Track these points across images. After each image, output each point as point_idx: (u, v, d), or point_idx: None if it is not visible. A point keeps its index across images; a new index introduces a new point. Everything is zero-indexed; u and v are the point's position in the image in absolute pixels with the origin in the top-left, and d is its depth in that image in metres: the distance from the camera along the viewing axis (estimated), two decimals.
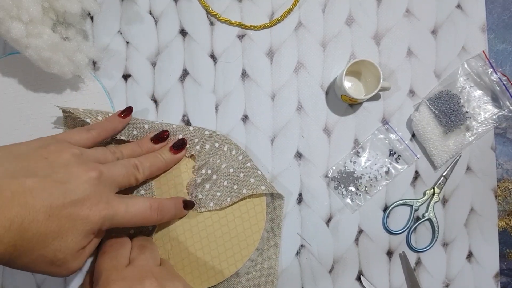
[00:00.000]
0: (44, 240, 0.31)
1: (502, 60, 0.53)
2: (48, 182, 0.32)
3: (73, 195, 0.33)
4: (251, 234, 0.47)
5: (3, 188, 0.29)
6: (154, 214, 0.40)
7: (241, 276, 0.47)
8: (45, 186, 0.31)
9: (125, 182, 0.40)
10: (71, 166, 0.34)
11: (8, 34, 0.41)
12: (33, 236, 0.30)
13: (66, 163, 0.34)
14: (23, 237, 0.29)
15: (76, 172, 0.34)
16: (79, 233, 0.33)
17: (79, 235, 0.34)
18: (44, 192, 0.31)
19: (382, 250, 0.51)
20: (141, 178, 0.42)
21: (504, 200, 0.52)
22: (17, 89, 0.49)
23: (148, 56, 0.52)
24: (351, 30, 0.53)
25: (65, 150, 0.36)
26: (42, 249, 0.31)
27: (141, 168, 0.42)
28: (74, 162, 0.35)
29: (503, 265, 0.52)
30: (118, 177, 0.39)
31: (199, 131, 0.48)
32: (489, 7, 0.53)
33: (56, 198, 0.32)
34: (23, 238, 0.30)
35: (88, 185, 0.34)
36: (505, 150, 0.52)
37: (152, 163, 0.44)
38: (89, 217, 0.34)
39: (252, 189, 0.46)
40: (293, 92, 0.52)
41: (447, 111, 0.50)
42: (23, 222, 0.29)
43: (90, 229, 0.34)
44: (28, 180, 0.31)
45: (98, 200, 0.35)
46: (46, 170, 0.33)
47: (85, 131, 0.41)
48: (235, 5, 0.53)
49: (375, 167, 0.51)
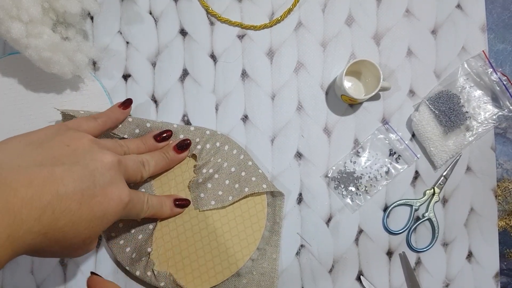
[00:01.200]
0: (75, 229, 0.30)
1: (502, 60, 0.53)
2: (77, 170, 0.31)
3: (101, 182, 0.33)
4: (252, 233, 0.47)
5: (33, 176, 0.28)
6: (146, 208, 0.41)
7: (242, 276, 0.47)
8: (74, 174, 0.31)
9: (133, 177, 0.40)
10: (94, 153, 0.34)
11: (8, 34, 0.41)
12: (64, 225, 0.29)
13: (89, 150, 0.34)
14: (55, 226, 0.29)
15: (101, 159, 0.34)
16: (107, 220, 0.33)
17: (107, 222, 0.33)
18: (74, 180, 0.30)
19: (382, 250, 0.51)
20: (145, 176, 0.43)
21: (504, 200, 0.52)
22: (17, 89, 0.49)
23: (148, 56, 0.52)
24: (351, 30, 0.53)
25: (84, 137, 0.35)
26: (72, 238, 0.31)
27: (147, 166, 0.42)
28: (95, 149, 0.35)
29: (503, 265, 0.52)
30: (129, 170, 0.39)
31: (200, 130, 0.48)
32: (489, 7, 0.53)
33: (87, 186, 0.31)
34: (55, 228, 0.29)
35: (113, 172, 0.34)
36: (505, 150, 0.52)
37: (156, 162, 0.44)
38: (116, 203, 0.34)
39: (254, 188, 0.46)
40: (293, 92, 0.52)
41: (447, 111, 0.50)
42: (55, 212, 0.28)
43: (117, 214, 0.34)
44: (57, 168, 0.30)
45: (122, 187, 0.35)
46: (72, 158, 0.32)
47: (92, 120, 0.41)
48: (235, 5, 0.53)
49: (375, 167, 0.51)
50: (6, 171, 0.27)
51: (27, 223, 0.26)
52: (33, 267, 0.50)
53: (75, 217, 0.30)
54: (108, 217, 0.33)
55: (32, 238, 0.27)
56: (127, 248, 0.46)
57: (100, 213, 0.32)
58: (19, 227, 0.26)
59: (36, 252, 0.30)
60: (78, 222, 0.30)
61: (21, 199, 0.26)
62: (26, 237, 0.27)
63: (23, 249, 0.27)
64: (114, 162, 0.35)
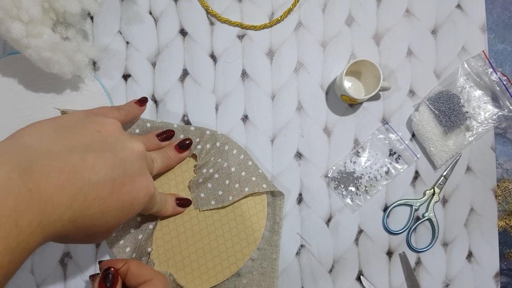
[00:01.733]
0: (104, 217, 0.30)
1: (502, 60, 0.53)
2: (108, 158, 0.30)
3: (131, 171, 0.32)
4: (252, 233, 0.47)
5: (65, 162, 0.27)
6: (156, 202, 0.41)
7: (242, 276, 0.47)
8: (106, 161, 0.30)
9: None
10: (125, 141, 0.34)
11: (8, 34, 0.41)
12: (94, 214, 0.28)
13: (119, 138, 0.33)
14: (85, 214, 0.28)
15: (131, 147, 0.33)
16: (134, 210, 0.33)
17: (133, 212, 0.33)
18: (106, 167, 0.29)
19: (382, 250, 0.51)
20: (154, 173, 0.42)
21: (504, 200, 0.52)
22: (17, 89, 0.49)
23: (148, 56, 0.52)
24: (351, 30, 0.53)
25: (114, 123, 0.34)
26: (99, 227, 0.30)
27: (155, 163, 0.42)
28: (126, 137, 0.34)
29: (503, 265, 0.52)
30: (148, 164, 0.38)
31: (200, 130, 0.48)
32: (489, 7, 0.53)
33: (117, 174, 0.30)
34: (85, 215, 0.28)
35: (142, 161, 0.34)
36: (505, 150, 0.52)
37: (162, 160, 0.44)
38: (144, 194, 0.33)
39: (254, 188, 0.46)
40: (293, 92, 0.52)
41: (447, 111, 0.50)
42: (86, 199, 0.27)
43: (142, 204, 0.34)
44: (89, 155, 0.29)
45: (149, 177, 0.35)
46: (103, 145, 0.31)
47: (116, 110, 0.40)
48: (235, 5, 0.53)
49: (375, 167, 0.51)
50: (37, 156, 0.26)
51: (58, 210, 0.26)
52: (33, 267, 0.50)
53: (105, 205, 0.29)
54: (135, 207, 0.33)
55: (62, 225, 0.26)
56: (127, 248, 0.46)
57: (128, 203, 0.32)
58: (50, 214, 0.25)
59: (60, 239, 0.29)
60: (107, 210, 0.29)
61: (53, 185, 0.25)
62: (57, 224, 0.26)
63: (52, 235, 0.26)
64: (143, 151, 0.35)
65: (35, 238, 0.24)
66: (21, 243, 0.23)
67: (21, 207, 0.23)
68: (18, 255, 0.23)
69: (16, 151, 0.26)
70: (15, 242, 0.23)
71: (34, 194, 0.24)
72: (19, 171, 0.24)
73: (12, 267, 0.23)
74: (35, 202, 0.24)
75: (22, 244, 0.23)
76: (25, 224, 0.23)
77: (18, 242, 0.23)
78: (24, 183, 0.24)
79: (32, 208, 0.24)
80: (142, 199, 0.33)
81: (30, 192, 0.24)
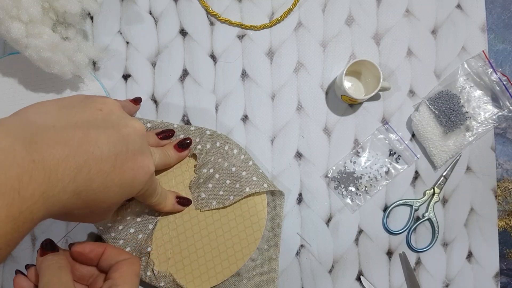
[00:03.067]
0: (107, 192, 0.30)
1: (502, 60, 0.53)
2: (111, 134, 0.31)
3: (132, 148, 0.32)
4: (252, 233, 0.47)
5: (69, 137, 0.27)
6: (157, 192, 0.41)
7: (242, 276, 0.47)
8: (109, 137, 0.30)
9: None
10: (127, 119, 0.34)
11: (8, 34, 0.41)
12: (97, 188, 0.29)
13: (121, 116, 0.34)
14: (89, 188, 0.28)
15: (133, 125, 0.34)
16: (134, 188, 0.33)
17: (134, 190, 0.34)
18: (108, 143, 0.30)
19: (382, 250, 0.51)
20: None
21: (504, 200, 0.52)
22: (17, 89, 0.49)
23: (148, 56, 0.52)
24: (351, 30, 0.53)
25: (115, 103, 0.35)
26: (102, 202, 0.31)
27: (154, 156, 0.42)
28: (126, 116, 0.35)
29: (503, 265, 0.52)
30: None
31: (200, 130, 0.48)
32: (489, 7, 0.53)
33: (119, 150, 0.31)
34: (89, 189, 0.28)
35: (143, 140, 0.34)
36: (505, 150, 0.52)
37: (160, 156, 0.44)
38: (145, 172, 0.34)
39: (255, 187, 0.46)
40: (293, 92, 0.52)
41: (447, 111, 0.50)
42: (90, 172, 0.28)
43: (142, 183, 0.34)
44: (92, 131, 0.29)
45: (149, 156, 0.35)
46: (106, 122, 0.32)
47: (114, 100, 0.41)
48: (235, 5, 0.53)
49: (375, 167, 0.51)
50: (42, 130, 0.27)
51: (62, 182, 0.26)
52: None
53: (108, 180, 0.30)
54: (135, 185, 0.33)
55: (67, 198, 0.27)
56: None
57: (130, 180, 0.32)
58: (54, 185, 0.26)
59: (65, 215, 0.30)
60: (110, 185, 0.30)
61: (57, 157, 0.26)
62: (61, 196, 0.26)
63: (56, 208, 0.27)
64: (144, 130, 0.35)
65: (38, 208, 0.25)
66: (24, 212, 0.24)
67: (24, 177, 0.24)
68: (22, 224, 0.24)
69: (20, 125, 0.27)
70: (18, 211, 0.23)
71: (38, 165, 0.25)
72: (23, 142, 0.25)
73: (15, 236, 0.24)
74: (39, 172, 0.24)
75: (25, 213, 0.24)
76: (28, 194, 0.24)
77: (20, 211, 0.23)
78: (28, 154, 0.24)
79: (36, 178, 0.24)
80: (143, 177, 0.34)
81: (34, 163, 0.24)
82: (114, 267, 0.38)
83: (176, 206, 0.46)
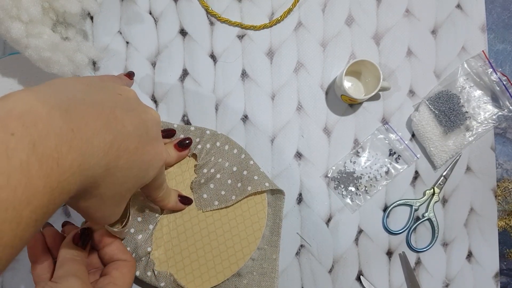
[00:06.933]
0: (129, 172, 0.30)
1: (502, 60, 0.53)
2: (134, 116, 0.31)
3: (151, 133, 0.33)
4: (252, 233, 0.47)
5: (100, 112, 0.27)
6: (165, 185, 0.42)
7: (242, 276, 0.47)
8: (132, 120, 0.30)
9: None
10: (145, 106, 0.34)
11: (8, 34, 0.41)
12: (123, 165, 0.29)
13: (139, 102, 0.34)
14: (117, 164, 0.28)
15: (151, 112, 0.34)
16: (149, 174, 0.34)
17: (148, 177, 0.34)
18: (132, 125, 0.30)
19: (382, 250, 0.51)
20: None
21: (504, 200, 0.52)
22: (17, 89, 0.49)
23: (148, 56, 0.52)
24: (351, 30, 0.53)
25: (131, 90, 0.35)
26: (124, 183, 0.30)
27: None
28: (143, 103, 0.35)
29: (503, 265, 0.52)
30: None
31: (200, 130, 0.48)
32: (488, 7, 0.53)
33: (141, 133, 0.31)
34: (116, 165, 0.28)
35: (158, 128, 0.35)
36: (504, 150, 0.53)
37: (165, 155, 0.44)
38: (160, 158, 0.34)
39: (257, 186, 0.46)
40: (293, 92, 0.52)
41: (447, 111, 0.50)
42: (119, 149, 0.28)
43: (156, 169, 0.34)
44: (117, 110, 0.29)
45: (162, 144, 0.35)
46: (127, 105, 0.32)
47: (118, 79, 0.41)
48: (235, 5, 0.53)
49: (375, 167, 0.51)
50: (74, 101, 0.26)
51: (97, 155, 0.26)
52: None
53: (131, 160, 0.30)
54: (150, 172, 0.34)
55: (99, 172, 0.27)
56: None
57: (147, 164, 0.32)
58: (90, 157, 0.25)
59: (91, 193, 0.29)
60: (132, 166, 0.30)
61: (93, 129, 0.25)
62: (95, 169, 0.26)
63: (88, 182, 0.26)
64: (159, 118, 0.36)
65: (75, 179, 0.24)
66: (62, 183, 0.23)
67: (63, 147, 0.23)
68: (58, 196, 0.23)
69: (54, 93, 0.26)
70: (56, 182, 0.22)
71: (76, 135, 0.24)
72: (60, 111, 0.24)
73: (51, 208, 0.23)
74: (77, 142, 0.24)
75: (62, 184, 0.23)
76: (67, 164, 0.23)
77: (58, 182, 0.23)
78: (66, 123, 0.24)
79: (75, 148, 0.24)
80: (158, 163, 0.34)
81: (73, 132, 0.24)
82: (116, 264, 0.38)
83: (178, 204, 0.46)
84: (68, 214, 0.51)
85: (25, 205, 0.21)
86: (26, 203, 0.21)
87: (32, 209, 0.21)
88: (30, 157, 0.21)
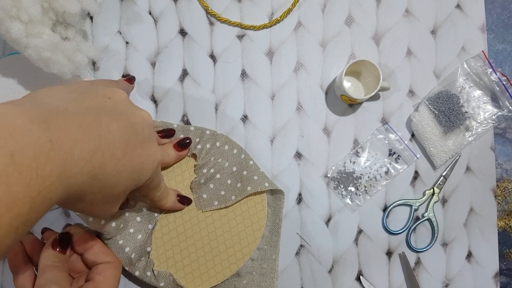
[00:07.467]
0: (118, 177, 0.30)
1: (501, 60, 0.53)
2: (121, 121, 0.31)
3: (141, 136, 0.33)
4: (252, 233, 0.47)
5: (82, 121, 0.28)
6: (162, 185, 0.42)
7: (242, 277, 0.47)
8: (118, 124, 0.31)
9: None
10: (134, 108, 0.34)
11: (7, 34, 0.41)
12: (111, 171, 0.29)
13: (128, 105, 0.34)
14: (103, 171, 0.29)
15: (141, 114, 0.34)
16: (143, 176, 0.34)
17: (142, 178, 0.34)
18: (119, 129, 0.30)
19: (382, 250, 0.51)
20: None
21: (504, 200, 0.52)
22: (17, 89, 0.49)
23: (147, 56, 0.52)
24: (351, 30, 0.53)
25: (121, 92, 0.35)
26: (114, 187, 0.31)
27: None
28: (133, 105, 0.35)
29: (502, 265, 0.52)
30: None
31: (200, 130, 0.48)
32: (488, 7, 0.53)
33: (129, 137, 0.31)
34: (103, 172, 0.29)
35: (150, 129, 0.35)
36: (504, 150, 0.53)
37: (161, 155, 0.44)
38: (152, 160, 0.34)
39: (257, 187, 0.46)
40: (292, 92, 0.52)
41: (447, 111, 0.50)
42: (104, 155, 0.28)
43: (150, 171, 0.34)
44: (103, 117, 0.30)
45: (156, 145, 0.36)
46: (115, 109, 0.32)
47: (114, 83, 0.41)
48: (235, 5, 0.53)
49: (374, 167, 0.51)
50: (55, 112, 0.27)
51: (79, 163, 0.26)
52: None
53: (120, 165, 0.30)
54: (144, 173, 0.34)
55: (83, 180, 0.27)
56: (126, 248, 0.46)
57: (139, 166, 0.33)
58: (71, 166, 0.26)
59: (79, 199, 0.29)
60: (121, 170, 0.30)
61: (73, 139, 0.26)
62: (78, 177, 0.26)
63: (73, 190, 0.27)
64: (151, 119, 0.36)
65: (56, 188, 0.25)
66: (42, 192, 0.23)
67: (41, 157, 0.23)
68: (40, 204, 0.24)
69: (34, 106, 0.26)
70: (36, 191, 0.23)
71: (55, 145, 0.24)
72: (39, 123, 0.24)
73: (33, 216, 0.24)
74: (56, 153, 0.24)
75: (43, 193, 0.24)
76: (46, 174, 0.24)
77: (39, 191, 0.23)
78: (45, 134, 0.24)
79: (53, 158, 0.24)
80: (151, 164, 0.34)
81: (51, 143, 0.24)
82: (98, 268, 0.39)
83: (176, 204, 0.46)
84: (68, 214, 0.50)
85: (5, 211, 0.21)
86: (6, 209, 0.21)
87: (12, 216, 0.22)
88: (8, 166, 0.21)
